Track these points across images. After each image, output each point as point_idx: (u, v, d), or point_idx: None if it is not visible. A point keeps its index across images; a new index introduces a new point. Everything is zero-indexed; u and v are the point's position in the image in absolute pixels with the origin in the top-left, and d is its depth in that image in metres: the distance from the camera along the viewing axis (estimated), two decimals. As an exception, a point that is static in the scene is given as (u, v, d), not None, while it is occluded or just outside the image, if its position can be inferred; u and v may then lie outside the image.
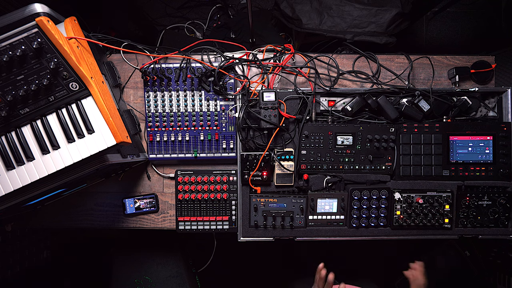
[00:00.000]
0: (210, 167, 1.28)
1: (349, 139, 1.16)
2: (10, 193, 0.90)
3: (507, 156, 1.18)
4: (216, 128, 1.22)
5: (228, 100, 1.22)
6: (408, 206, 1.17)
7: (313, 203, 1.17)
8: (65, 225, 1.29)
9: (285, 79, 1.26)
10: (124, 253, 1.55)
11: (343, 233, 1.20)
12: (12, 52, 0.83)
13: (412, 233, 1.20)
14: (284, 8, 1.64)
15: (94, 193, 1.29)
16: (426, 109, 1.16)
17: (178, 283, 1.49)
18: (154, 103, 1.21)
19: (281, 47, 1.24)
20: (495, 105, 1.23)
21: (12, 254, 1.41)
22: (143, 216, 1.29)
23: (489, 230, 1.20)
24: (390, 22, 1.49)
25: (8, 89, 0.87)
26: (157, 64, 1.21)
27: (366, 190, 1.17)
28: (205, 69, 1.19)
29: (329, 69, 1.27)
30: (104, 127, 0.92)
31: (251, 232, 1.20)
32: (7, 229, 1.26)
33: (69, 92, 0.91)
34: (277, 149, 1.17)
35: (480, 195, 1.18)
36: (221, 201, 1.24)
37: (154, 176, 1.29)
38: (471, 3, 2.30)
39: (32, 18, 0.84)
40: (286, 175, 1.19)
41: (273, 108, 1.12)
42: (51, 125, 0.93)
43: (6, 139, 0.91)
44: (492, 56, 1.30)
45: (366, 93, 1.16)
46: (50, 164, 0.91)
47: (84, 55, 0.94)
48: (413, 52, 1.29)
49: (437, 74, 1.29)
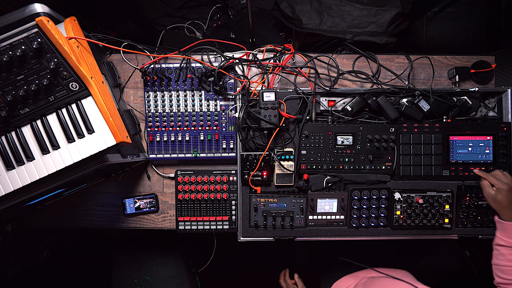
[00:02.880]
0: (210, 167, 1.28)
1: (349, 139, 1.16)
2: (10, 193, 0.90)
3: (507, 156, 1.18)
4: (216, 128, 1.22)
5: (228, 100, 1.22)
6: (408, 206, 1.17)
7: (313, 203, 1.17)
8: (65, 225, 1.29)
9: (285, 79, 1.26)
10: (124, 253, 1.55)
11: (343, 233, 1.20)
12: (12, 52, 0.83)
13: (412, 233, 1.20)
14: (284, 8, 1.64)
15: (94, 193, 1.29)
16: (426, 109, 1.16)
17: (178, 283, 1.49)
18: (154, 103, 1.21)
19: (281, 47, 1.24)
20: (495, 105, 1.23)
21: (12, 254, 1.41)
22: (143, 216, 1.29)
23: (489, 230, 1.20)
24: (390, 22, 1.49)
25: (8, 89, 0.87)
26: (157, 64, 1.21)
27: (366, 190, 1.17)
28: (205, 69, 1.19)
29: (329, 69, 1.27)
30: (104, 127, 0.92)
31: (251, 232, 1.20)
32: (7, 229, 1.26)
33: (69, 92, 0.91)
34: (277, 149, 1.17)
35: (480, 195, 1.18)
36: (221, 201, 1.24)
37: (154, 176, 1.29)
38: (471, 3, 2.30)
39: (32, 18, 0.83)
40: (286, 175, 1.19)
41: (273, 108, 1.12)
42: (51, 125, 0.93)
43: (6, 139, 0.91)
44: (492, 56, 1.30)
45: (366, 93, 1.16)
46: (50, 164, 0.91)
47: (84, 55, 0.94)
48: (413, 52, 1.29)
49: (437, 74, 1.29)
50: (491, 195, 1.07)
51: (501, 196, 1.04)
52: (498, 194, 1.05)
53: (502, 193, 1.04)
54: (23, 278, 1.46)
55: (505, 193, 1.03)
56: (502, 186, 1.04)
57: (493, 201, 1.07)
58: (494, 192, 1.06)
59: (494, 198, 1.06)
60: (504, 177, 1.06)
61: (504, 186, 1.04)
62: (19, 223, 1.29)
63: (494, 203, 1.07)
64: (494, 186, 1.07)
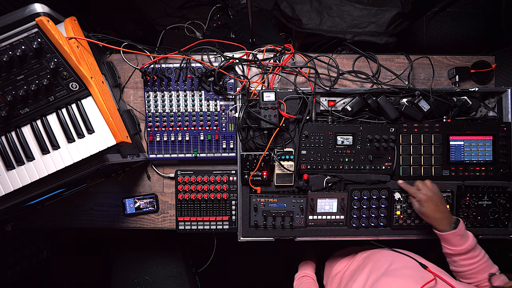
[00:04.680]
0: (210, 167, 1.28)
1: (349, 139, 1.16)
2: (10, 193, 0.90)
3: (507, 156, 1.18)
4: (216, 128, 1.22)
5: (228, 100, 1.22)
6: (408, 206, 1.17)
7: (313, 203, 1.17)
8: (65, 225, 1.29)
9: (285, 79, 1.26)
10: (124, 253, 1.55)
11: (343, 233, 1.20)
12: (12, 52, 0.83)
13: (412, 233, 1.20)
14: (284, 8, 1.64)
15: (94, 193, 1.29)
16: (426, 109, 1.16)
17: (178, 283, 1.49)
18: (154, 103, 1.21)
19: (281, 47, 1.24)
20: (495, 105, 1.23)
21: (12, 254, 1.41)
22: (143, 216, 1.29)
23: (489, 230, 1.20)
24: (390, 22, 1.49)
25: (8, 89, 0.87)
26: (157, 64, 1.21)
27: (366, 190, 1.17)
28: (205, 69, 1.19)
29: (329, 69, 1.27)
30: (104, 127, 0.92)
31: (251, 232, 1.20)
32: (7, 229, 1.26)
33: (69, 92, 0.91)
34: (277, 149, 1.17)
35: (480, 195, 1.18)
36: (221, 201, 1.24)
37: (154, 176, 1.29)
38: (471, 3, 2.30)
39: (32, 18, 0.83)
40: (286, 175, 1.19)
41: (273, 108, 1.12)
42: (51, 125, 0.93)
43: (6, 139, 0.91)
44: (492, 56, 1.30)
45: (366, 93, 1.16)
46: (50, 164, 0.91)
47: (84, 55, 0.94)
48: (413, 52, 1.29)
49: (437, 74, 1.29)
50: (417, 208, 1.05)
51: (424, 208, 1.01)
52: (422, 206, 1.02)
53: (423, 205, 1.01)
54: (23, 278, 1.46)
55: (425, 204, 1.01)
56: (421, 196, 1.01)
57: (420, 214, 1.04)
58: (418, 205, 1.04)
59: (419, 211, 1.04)
60: (423, 188, 1.03)
61: (423, 197, 1.01)
62: (19, 223, 1.29)
63: (422, 215, 1.04)
64: (415, 199, 1.04)
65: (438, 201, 1.01)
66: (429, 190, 1.02)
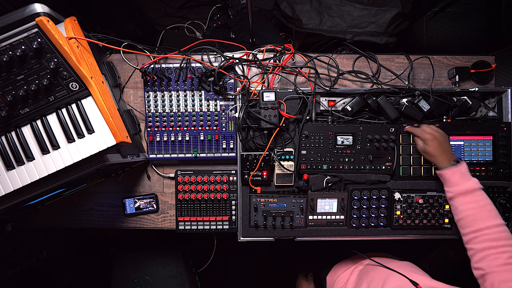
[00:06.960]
0: (210, 167, 1.28)
1: (349, 139, 1.16)
2: (10, 193, 0.90)
3: (507, 156, 1.18)
4: (216, 128, 1.22)
5: (228, 100, 1.22)
6: (408, 206, 1.17)
7: (313, 203, 1.17)
8: (65, 225, 1.29)
9: (285, 79, 1.26)
10: (124, 253, 1.55)
11: (343, 233, 1.20)
12: (12, 52, 0.83)
13: (412, 233, 1.20)
14: (284, 8, 1.64)
15: (94, 193, 1.29)
16: (426, 109, 1.16)
17: (178, 283, 1.49)
18: (154, 103, 1.21)
19: (281, 47, 1.24)
20: (495, 105, 1.23)
21: (12, 254, 1.40)
22: (143, 216, 1.29)
23: (489, 230, 1.20)
24: (390, 22, 1.49)
25: (8, 89, 0.87)
26: (157, 64, 1.21)
27: (366, 190, 1.17)
28: (205, 69, 1.19)
29: (329, 69, 1.27)
30: (104, 127, 0.92)
31: (251, 232, 1.20)
32: (7, 229, 1.26)
33: (69, 92, 0.91)
34: (277, 149, 1.17)
35: (480, 195, 1.18)
36: (221, 201, 1.24)
37: (154, 176, 1.29)
38: (471, 3, 2.30)
39: (32, 18, 0.83)
40: (286, 175, 1.19)
41: (273, 108, 1.12)
42: (51, 125, 0.93)
43: (6, 139, 0.91)
44: (492, 56, 1.30)
45: (366, 93, 1.16)
46: (50, 164, 0.91)
47: (84, 55, 0.94)
48: (413, 52, 1.29)
49: (437, 74, 1.29)
50: (421, 148, 1.12)
51: (428, 147, 1.09)
52: (426, 145, 1.09)
53: (428, 143, 1.09)
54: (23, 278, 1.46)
55: (430, 142, 1.08)
56: (426, 136, 1.09)
57: (424, 153, 1.12)
58: (422, 144, 1.11)
59: (423, 150, 1.11)
60: (428, 129, 1.11)
61: (428, 136, 1.09)
62: (19, 223, 1.29)
63: (426, 154, 1.12)
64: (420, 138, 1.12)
65: (443, 140, 1.09)
66: (435, 131, 1.10)
